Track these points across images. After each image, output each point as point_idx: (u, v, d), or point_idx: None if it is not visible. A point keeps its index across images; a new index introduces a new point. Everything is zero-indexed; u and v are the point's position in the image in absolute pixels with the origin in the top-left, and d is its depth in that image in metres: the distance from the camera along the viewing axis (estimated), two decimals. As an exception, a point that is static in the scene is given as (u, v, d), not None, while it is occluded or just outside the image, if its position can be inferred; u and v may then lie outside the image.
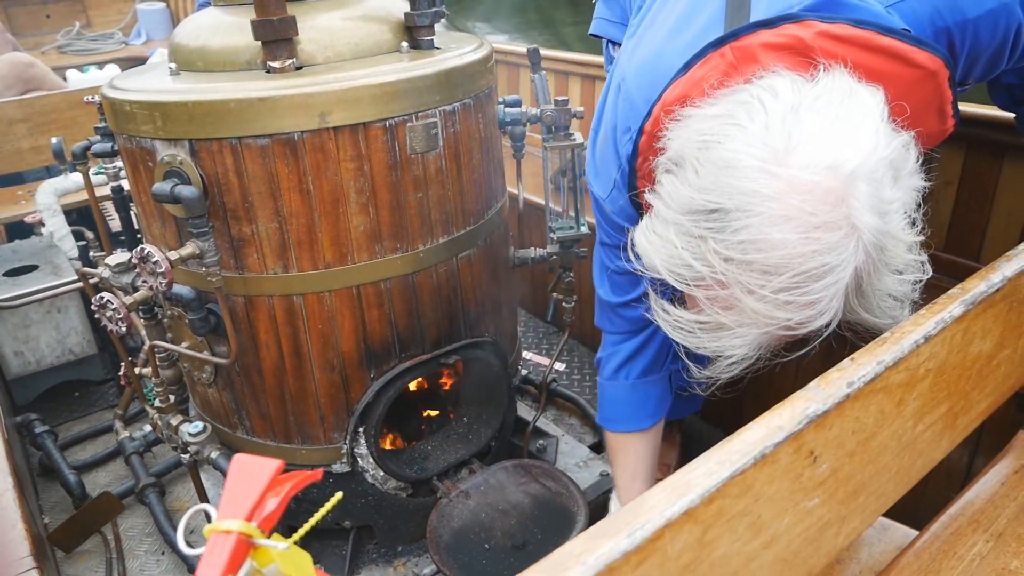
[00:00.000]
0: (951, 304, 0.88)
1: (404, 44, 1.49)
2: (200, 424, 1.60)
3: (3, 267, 2.50)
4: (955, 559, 1.05)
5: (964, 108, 1.71)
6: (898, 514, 1.15)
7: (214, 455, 1.59)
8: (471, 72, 1.48)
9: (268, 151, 1.33)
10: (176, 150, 1.35)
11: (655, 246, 0.93)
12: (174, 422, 1.63)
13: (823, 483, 0.78)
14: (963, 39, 1.08)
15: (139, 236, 1.90)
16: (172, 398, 1.66)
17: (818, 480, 0.77)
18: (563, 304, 1.91)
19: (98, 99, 1.56)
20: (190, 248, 1.38)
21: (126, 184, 1.75)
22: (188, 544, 0.64)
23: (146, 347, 1.61)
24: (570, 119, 1.71)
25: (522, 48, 3.07)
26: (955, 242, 1.85)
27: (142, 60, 4.87)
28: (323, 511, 0.61)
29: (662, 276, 0.93)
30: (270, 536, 0.58)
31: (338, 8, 1.48)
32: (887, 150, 0.86)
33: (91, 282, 1.79)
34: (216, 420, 1.69)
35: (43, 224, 2.74)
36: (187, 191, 1.31)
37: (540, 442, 2.04)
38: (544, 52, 2.52)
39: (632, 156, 1.13)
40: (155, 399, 1.65)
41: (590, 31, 2.02)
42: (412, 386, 1.78)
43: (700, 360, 1.02)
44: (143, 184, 1.45)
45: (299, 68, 1.39)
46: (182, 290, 1.47)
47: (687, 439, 2.20)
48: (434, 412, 1.91)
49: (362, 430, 1.58)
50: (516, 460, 1.76)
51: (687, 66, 1.05)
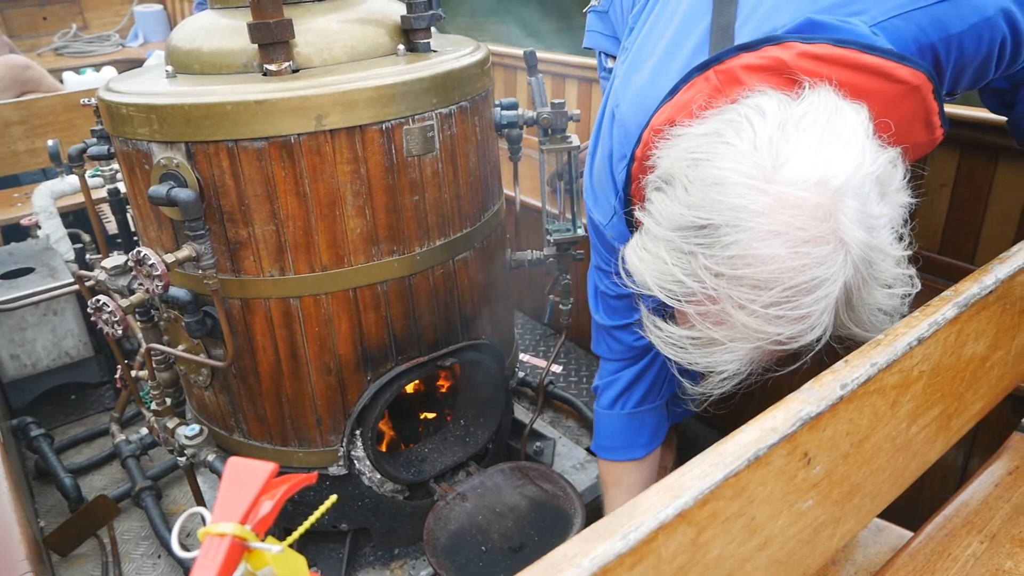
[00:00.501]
0: (944, 306, 0.88)
1: (401, 47, 1.50)
2: (196, 427, 1.60)
3: (-1, 270, 2.50)
4: (950, 560, 1.05)
5: (958, 111, 1.73)
6: (893, 515, 1.16)
7: (210, 458, 1.59)
8: (467, 75, 1.49)
9: (264, 154, 1.33)
10: (172, 153, 1.35)
11: (646, 263, 0.94)
12: (170, 425, 1.63)
13: (817, 485, 0.79)
14: (948, 54, 1.09)
15: (135, 239, 1.90)
16: (168, 401, 1.66)
17: (812, 482, 0.77)
18: (560, 306, 1.91)
19: (95, 101, 1.56)
20: (186, 251, 1.38)
21: (122, 187, 1.75)
22: (184, 547, 0.64)
23: (142, 350, 1.61)
24: (566, 122, 1.71)
25: (519, 51, 3.08)
26: (950, 244, 1.85)
27: (139, 62, 4.87)
28: (317, 514, 0.62)
29: (653, 293, 0.93)
30: (265, 539, 0.58)
31: (335, 11, 1.48)
32: (874, 166, 0.87)
33: (87, 285, 1.79)
34: (212, 423, 1.69)
35: (39, 227, 2.74)
36: (183, 194, 1.31)
37: (537, 444, 2.04)
38: (541, 55, 2.53)
39: (626, 182, 1.14)
40: (151, 402, 1.65)
41: (584, 44, 2.03)
42: (409, 389, 1.78)
43: (693, 376, 1.03)
44: (139, 187, 1.45)
45: (296, 71, 1.39)
46: (178, 293, 1.47)
47: (683, 440, 2.20)
48: (431, 414, 1.91)
49: (359, 433, 1.58)
50: (513, 462, 1.76)
51: (673, 91, 1.07)
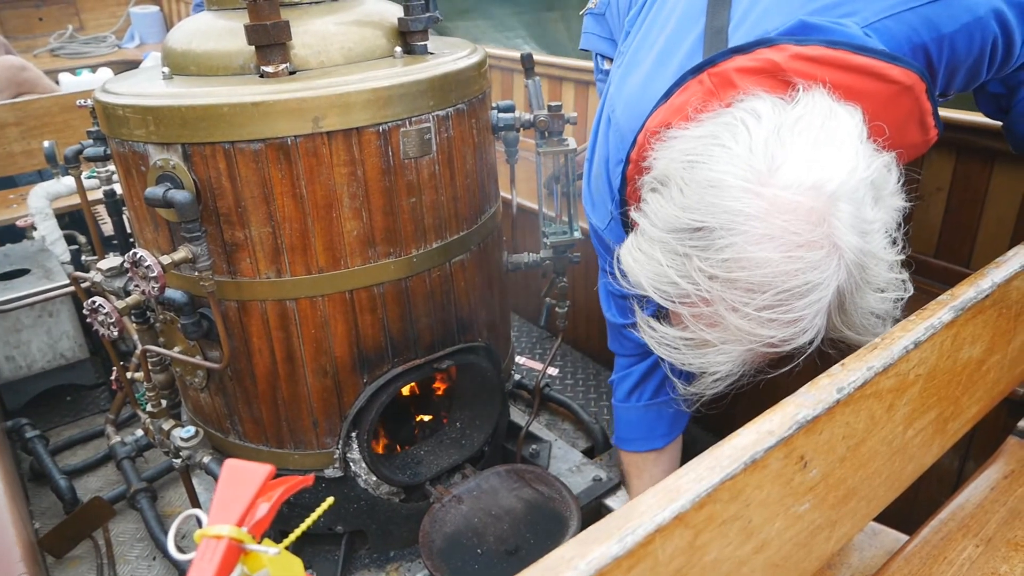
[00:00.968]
0: (941, 310, 0.88)
1: (398, 49, 1.50)
2: (192, 429, 1.59)
3: (-5, 271, 2.49)
4: (945, 564, 1.05)
5: (955, 115, 1.74)
6: (889, 519, 1.16)
7: (206, 460, 1.59)
8: (465, 77, 1.49)
9: (261, 155, 1.33)
10: (169, 154, 1.35)
11: (640, 263, 0.94)
12: (166, 427, 1.63)
13: (814, 488, 0.79)
14: (940, 54, 1.10)
15: (131, 240, 1.89)
16: (164, 403, 1.65)
17: (809, 485, 0.78)
18: (556, 309, 1.91)
19: (91, 103, 1.55)
20: (183, 252, 1.37)
21: (118, 188, 1.75)
22: (179, 549, 0.64)
23: (138, 351, 1.60)
24: (563, 124, 1.71)
25: (516, 53, 3.08)
26: (946, 248, 1.86)
27: (136, 63, 4.87)
28: (315, 515, 0.61)
29: (648, 293, 0.94)
30: (261, 541, 0.58)
31: (332, 13, 1.48)
32: (868, 171, 0.88)
33: (83, 286, 1.79)
34: (208, 425, 1.69)
35: (35, 228, 2.73)
36: (180, 195, 1.31)
37: (533, 447, 2.04)
38: (538, 58, 2.53)
39: (622, 186, 1.14)
40: (147, 404, 1.64)
41: (580, 46, 2.04)
42: (405, 391, 1.78)
43: (687, 377, 1.03)
44: (136, 188, 1.45)
45: (293, 73, 1.39)
46: (174, 294, 1.47)
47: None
48: (427, 417, 1.91)
49: (355, 435, 1.58)
50: (509, 465, 1.76)
51: (667, 94, 1.08)
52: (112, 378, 1.92)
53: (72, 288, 2.32)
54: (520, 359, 2.70)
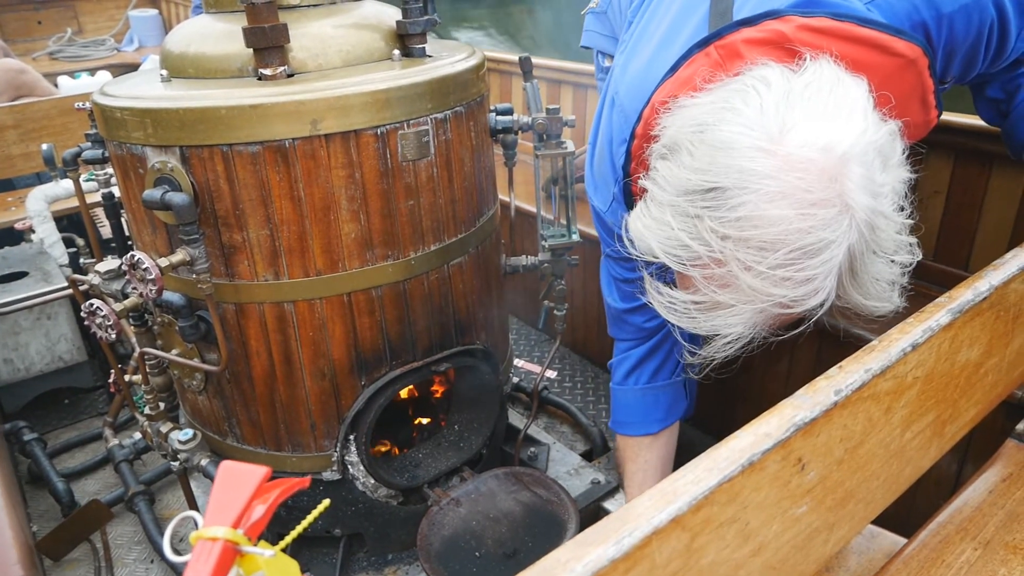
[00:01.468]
0: (938, 312, 0.88)
1: (396, 52, 1.50)
2: (190, 431, 1.59)
3: (-7, 274, 2.49)
4: (943, 567, 1.05)
5: (952, 118, 1.74)
6: (887, 522, 1.16)
7: (204, 462, 1.58)
8: (463, 80, 1.49)
9: (259, 158, 1.33)
10: (167, 157, 1.35)
11: (651, 229, 0.95)
12: (164, 429, 1.62)
13: (811, 491, 0.79)
14: (939, 33, 1.11)
15: (130, 243, 1.89)
16: (162, 405, 1.65)
17: (806, 487, 0.77)
18: (554, 312, 1.91)
19: (89, 105, 1.55)
20: (180, 255, 1.37)
21: (117, 191, 1.75)
22: (176, 551, 0.64)
23: (136, 354, 1.60)
24: (562, 127, 1.71)
25: (514, 56, 3.09)
26: (944, 251, 1.86)
27: (134, 67, 4.87)
28: (311, 518, 0.61)
29: (659, 258, 0.94)
30: (257, 543, 0.58)
31: (330, 16, 1.48)
32: (876, 135, 0.89)
33: (81, 289, 1.79)
34: (206, 427, 1.69)
35: (33, 231, 2.73)
36: (178, 198, 1.31)
37: (531, 450, 2.04)
38: (536, 61, 2.53)
39: (626, 163, 1.14)
40: (145, 406, 1.64)
41: (581, 43, 2.03)
42: (403, 394, 1.78)
43: (697, 342, 1.04)
44: (133, 191, 1.45)
45: (291, 75, 1.39)
46: (172, 297, 1.46)
47: (677, 446, 2.20)
48: (425, 419, 1.91)
49: (353, 438, 1.58)
50: (507, 468, 1.76)
51: (674, 68, 1.08)
52: (110, 381, 1.92)
53: (70, 291, 2.32)
54: (518, 362, 2.70)
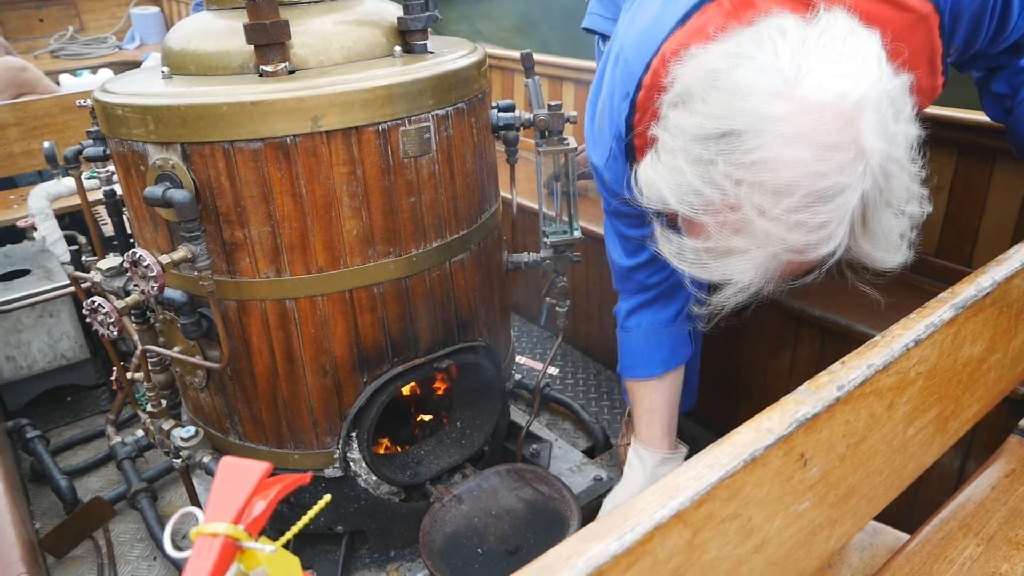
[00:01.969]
0: (941, 308, 0.88)
1: (397, 48, 1.49)
2: (192, 428, 1.59)
3: (-5, 272, 2.49)
4: (946, 563, 1.05)
5: (955, 114, 1.74)
6: (889, 518, 1.16)
7: (206, 460, 1.59)
8: (464, 76, 1.48)
9: (260, 155, 1.32)
10: (168, 154, 1.35)
11: (662, 176, 0.95)
12: (166, 427, 1.63)
13: (814, 486, 0.78)
14: None
15: (131, 240, 1.89)
16: (164, 403, 1.65)
17: (809, 483, 0.77)
18: (556, 309, 1.91)
19: (90, 103, 1.55)
20: (182, 252, 1.37)
21: (118, 188, 1.75)
22: (177, 547, 0.64)
23: (138, 351, 1.60)
24: (563, 124, 1.71)
25: (516, 53, 3.08)
26: (947, 247, 1.86)
27: (136, 64, 4.87)
28: (311, 514, 0.61)
29: (670, 206, 0.94)
30: (258, 539, 0.58)
31: (331, 12, 1.48)
32: (890, 84, 0.89)
33: (83, 286, 1.79)
34: (208, 424, 1.69)
35: (35, 228, 2.73)
36: (179, 195, 1.31)
37: (533, 447, 2.04)
38: (538, 57, 2.53)
39: (629, 115, 1.14)
40: (147, 404, 1.64)
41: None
42: (405, 390, 1.78)
43: (705, 290, 1.04)
44: (135, 188, 1.45)
45: (292, 72, 1.39)
46: (174, 294, 1.46)
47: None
48: (427, 416, 1.91)
49: (355, 434, 1.58)
50: (509, 465, 1.76)
51: (684, 18, 1.08)
52: (112, 378, 1.92)
53: (72, 288, 2.32)
54: (520, 359, 2.70)
